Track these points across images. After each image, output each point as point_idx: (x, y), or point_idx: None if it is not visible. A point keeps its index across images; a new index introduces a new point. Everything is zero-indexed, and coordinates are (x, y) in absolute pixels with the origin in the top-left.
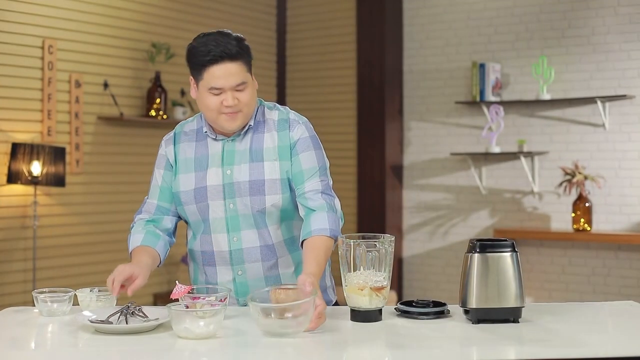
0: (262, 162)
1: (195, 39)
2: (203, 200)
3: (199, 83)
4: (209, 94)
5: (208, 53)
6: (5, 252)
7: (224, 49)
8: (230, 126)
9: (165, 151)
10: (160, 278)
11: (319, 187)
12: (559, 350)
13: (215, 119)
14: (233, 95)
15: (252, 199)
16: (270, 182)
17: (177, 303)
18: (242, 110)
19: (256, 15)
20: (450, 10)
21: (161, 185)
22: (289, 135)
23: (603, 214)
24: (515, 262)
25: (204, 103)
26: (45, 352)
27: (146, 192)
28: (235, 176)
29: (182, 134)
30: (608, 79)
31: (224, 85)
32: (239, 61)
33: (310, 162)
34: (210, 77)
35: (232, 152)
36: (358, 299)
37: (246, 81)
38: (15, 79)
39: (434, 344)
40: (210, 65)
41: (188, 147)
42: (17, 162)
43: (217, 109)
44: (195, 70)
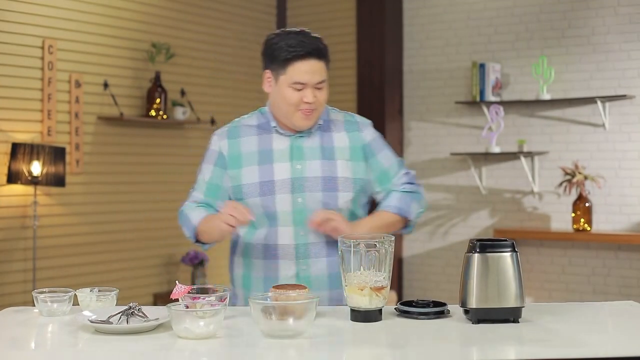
0: (334, 160)
1: (278, 35)
2: (269, 193)
3: (280, 77)
4: (289, 89)
5: (295, 48)
6: (5, 252)
7: (313, 46)
8: (304, 124)
9: (219, 145)
10: (160, 278)
11: (404, 180)
12: (559, 350)
13: (291, 114)
14: (313, 92)
15: (324, 195)
16: (343, 179)
17: (177, 303)
18: (318, 108)
19: (256, 15)
20: (450, 10)
21: (208, 181)
22: (359, 137)
23: (603, 214)
24: (515, 262)
25: (282, 97)
26: (45, 352)
27: (146, 192)
28: (306, 171)
29: (241, 127)
30: (608, 79)
31: (308, 80)
32: (323, 60)
33: (389, 160)
34: (296, 72)
35: (301, 148)
36: (358, 299)
37: (325, 80)
38: (15, 79)
39: (434, 344)
40: (296, 61)
41: (249, 140)
42: (17, 162)
43: (295, 105)
44: (276, 65)
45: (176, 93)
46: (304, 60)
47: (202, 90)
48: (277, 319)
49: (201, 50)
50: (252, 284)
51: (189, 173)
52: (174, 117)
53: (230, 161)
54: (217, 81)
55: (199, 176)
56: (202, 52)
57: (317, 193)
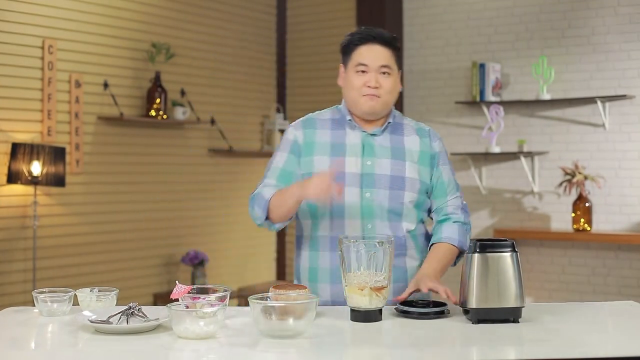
0: (403, 161)
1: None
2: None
3: (347, 65)
4: (354, 73)
5: (361, 34)
6: (5, 252)
7: (377, 34)
8: (368, 107)
9: (294, 135)
10: (160, 278)
11: (459, 204)
12: (559, 350)
13: (357, 99)
14: (376, 77)
15: (391, 192)
16: (410, 180)
17: (177, 303)
18: (382, 96)
19: (256, 15)
20: (450, 10)
21: (283, 168)
22: (430, 144)
23: (603, 214)
24: (515, 262)
25: (349, 84)
26: (45, 352)
27: (146, 192)
28: (376, 168)
29: (316, 120)
30: (608, 79)
31: (370, 62)
32: (388, 48)
33: (449, 175)
34: (358, 55)
35: (372, 146)
36: (358, 299)
37: (391, 67)
38: (15, 79)
39: (434, 344)
40: (360, 45)
41: (323, 133)
42: (17, 162)
43: (359, 88)
44: (345, 55)
45: (176, 93)
46: (367, 44)
47: (202, 90)
48: (277, 319)
49: (201, 50)
50: (319, 276)
51: (189, 173)
52: (174, 117)
53: (304, 148)
54: (217, 81)
55: (272, 164)
56: (202, 52)
57: (385, 190)
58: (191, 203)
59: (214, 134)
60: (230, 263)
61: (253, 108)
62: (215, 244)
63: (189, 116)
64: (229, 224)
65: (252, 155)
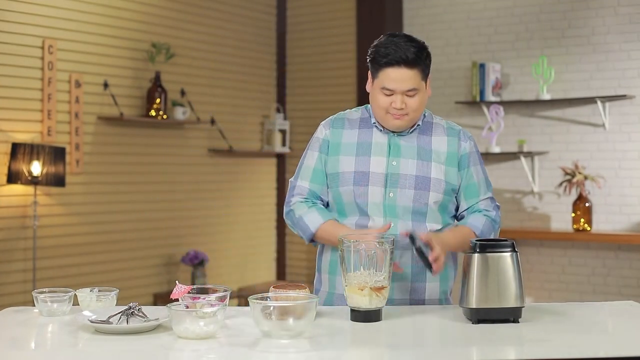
0: (429, 162)
1: (383, 38)
2: (363, 184)
3: (375, 81)
4: (380, 93)
5: (387, 55)
6: (5, 252)
7: (402, 55)
8: (394, 125)
9: (324, 133)
10: (160, 278)
11: (491, 203)
12: (559, 350)
13: (383, 117)
14: (402, 99)
15: (416, 193)
16: (436, 181)
17: (177, 303)
18: (409, 114)
19: (256, 15)
20: (450, 10)
21: (315, 167)
22: (459, 145)
23: (603, 214)
24: (515, 262)
25: (375, 100)
26: (45, 352)
27: (146, 192)
28: (401, 168)
29: (345, 120)
30: (608, 79)
31: (395, 88)
32: (415, 69)
33: (481, 175)
34: (385, 78)
35: (399, 146)
36: (358, 299)
37: (418, 88)
38: (15, 79)
39: (434, 344)
40: (386, 67)
41: (351, 132)
42: (17, 162)
43: (385, 108)
44: (373, 68)
45: (176, 93)
46: (394, 67)
47: (202, 90)
48: (277, 319)
49: (201, 50)
50: (338, 269)
51: (189, 173)
52: (174, 117)
53: (331, 148)
54: (217, 81)
55: (303, 164)
56: (202, 52)
57: (409, 190)
58: (191, 203)
59: (214, 134)
60: (230, 263)
61: (253, 108)
62: (215, 244)
63: (189, 116)
64: (229, 224)
65: (252, 155)
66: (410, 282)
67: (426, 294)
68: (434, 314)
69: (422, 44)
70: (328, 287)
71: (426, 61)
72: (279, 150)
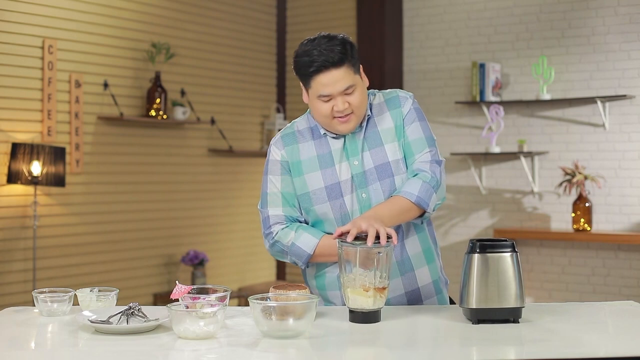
0: (382, 146)
1: (300, 46)
2: (337, 196)
3: (309, 91)
4: (319, 101)
5: (312, 63)
6: (5, 252)
7: (326, 58)
8: (345, 129)
9: (279, 154)
10: (160, 278)
11: (427, 158)
12: (559, 350)
13: (329, 124)
14: (343, 99)
15: (382, 184)
16: (395, 162)
17: (177, 303)
18: (354, 112)
19: (256, 15)
20: (450, 10)
21: (282, 192)
22: (400, 112)
23: (603, 214)
24: (515, 262)
25: (316, 110)
26: (45, 352)
27: (146, 192)
28: (363, 165)
29: (296, 133)
30: (608, 79)
31: (331, 92)
32: (344, 66)
33: (417, 133)
34: (318, 86)
35: (354, 143)
36: (362, 300)
37: (354, 84)
38: (15, 79)
39: (434, 344)
40: (315, 75)
41: (307, 146)
42: (17, 162)
43: (329, 115)
44: (303, 79)
45: (176, 93)
46: (323, 73)
47: (202, 90)
48: (277, 319)
49: (201, 50)
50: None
51: (189, 173)
52: (174, 117)
53: (293, 168)
54: (217, 81)
55: (267, 191)
56: (202, 52)
57: (376, 183)
58: (191, 203)
59: (214, 134)
60: (230, 263)
61: (253, 108)
62: (215, 244)
63: (189, 116)
64: (229, 224)
65: (252, 155)
66: (400, 276)
67: (418, 281)
68: (434, 314)
69: (342, 38)
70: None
71: (352, 53)
72: None
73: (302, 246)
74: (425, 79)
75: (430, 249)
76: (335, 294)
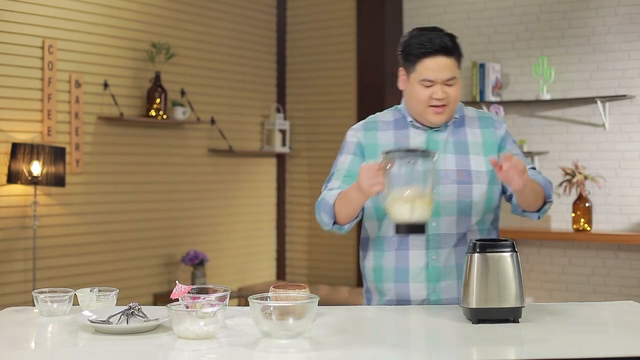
0: (467, 154)
1: (410, 33)
2: None
3: (411, 75)
4: (419, 86)
5: (424, 46)
6: (5, 252)
7: (440, 43)
8: (436, 120)
9: (356, 137)
10: (160, 278)
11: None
12: (559, 350)
13: (423, 111)
14: (442, 89)
15: (458, 187)
16: (476, 172)
17: (177, 303)
18: (449, 104)
19: (256, 15)
20: (450, 10)
21: (348, 169)
22: (494, 133)
23: (603, 214)
24: (515, 262)
25: (413, 94)
26: (45, 352)
27: (146, 192)
28: (440, 164)
29: (378, 122)
30: (608, 79)
31: (435, 77)
32: (452, 57)
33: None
34: (423, 69)
35: (437, 142)
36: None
37: (456, 77)
38: (15, 79)
39: (434, 344)
40: (424, 58)
41: (386, 134)
42: (17, 162)
43: (425, 101)
44: (408, 62)
45: (176, 93)
46: (432, 57)
47: (202, 90)
48: (277, 319)
49: (201, 50)
50: (384, 276)
51: (189, 173)
52: (174, 117)
53: (367, 150)
54: (217, 81)
55: (336, 167)
56: (202, 52)
57: (451, 185)
58: (191, 203)
59: (214, 134)
60: (230, 263)
61: (253, 108)
62: (215, 244)
63: (189, 116)
64: (229, 224)
65: (252, 155)
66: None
67: None
68: (434, 314)
69: (453, 34)
70: (378, 295)
71: (460, 51)
72: (279, 150)
73: (328, 199)
74: None
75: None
76: (389, 286)
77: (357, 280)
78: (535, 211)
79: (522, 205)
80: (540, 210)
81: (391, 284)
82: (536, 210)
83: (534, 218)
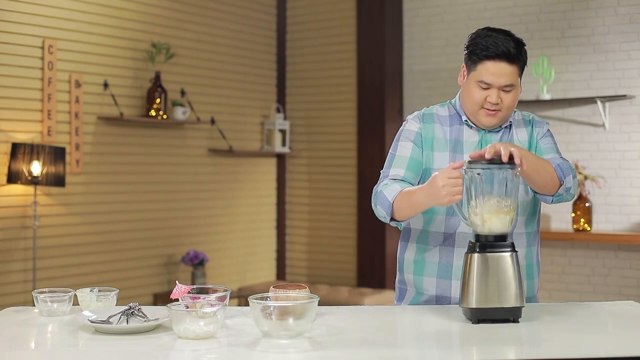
0: None
1: (479, 31)
2: None
3: (470, 73)
4: (476, 86)
5: (487, 48)
6: (5, 252)
7: (504, 49)
8: (487, 122)
9: (417, 127)
10: (160, 278)
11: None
12: (559, 350)
13: (475, 112)
14: (498, 94)
15: None
16: None
17: (177, 303)
18: (502, 110)
19: (256, 15)
20: (450, 10)
21: (411, 157)
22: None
23: (603, 214)
24: (515, 262)
25: (469, 93)
26: (45, 352)
27: (146, 192)
28: None
29: (434, 115)
30: (608, 79)
31: (493, 82)
32: (515, 65)
33: (550, 145)
34: (483, 71)
35: (490, 142)
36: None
37: (514, 84)
38: (15, 79)
39: (434, 344)
40: (486, 60)
41: (442, 128)
42: (17, 162)
43: (479, 103)
44: (471, 60)
45: (176, 93)
46: (493, 61)
47: (202, 90)
48: (277, 319)
49: (201, 50)
50: (425, 270)
51: (189, 173)
52: (174, 117)
53: (424, 142)
54: (217, 81)
55: (396, 153)
56: (202, 52)
57: None
58: (191, 203)
59: (214, 134)
60: (230, 263)
61: (253, 108)
62: (215, 244)
63: (189, 116)
64: (229, 224)
65: (252, 155)
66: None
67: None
68: (434, 314)
69: (521, 40)
70: (415, 288)
71: (525, 59)
72: (279, 150)
73: (387, 194)
74: (425, 79)
75: (532, 266)
76: (430, 280)
77: (357, 280)
78: (549, 195)
79: (532, 187)
80: (555, 195)
81: (433, 279)
82: (550, 195)
83: (547, 202)
